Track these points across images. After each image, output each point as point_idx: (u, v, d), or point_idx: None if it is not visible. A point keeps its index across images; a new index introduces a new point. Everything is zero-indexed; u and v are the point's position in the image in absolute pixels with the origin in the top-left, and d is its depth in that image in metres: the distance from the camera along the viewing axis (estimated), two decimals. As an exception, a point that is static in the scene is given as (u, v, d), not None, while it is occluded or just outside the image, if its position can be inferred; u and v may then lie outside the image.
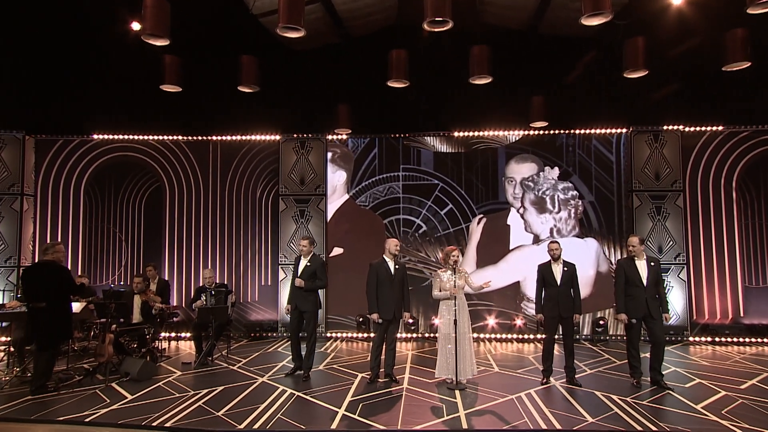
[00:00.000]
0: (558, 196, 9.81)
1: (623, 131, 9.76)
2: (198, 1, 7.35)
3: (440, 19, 6.03)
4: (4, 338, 8.65)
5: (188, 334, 9.22)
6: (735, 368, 7.33)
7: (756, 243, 9.46)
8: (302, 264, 6.82)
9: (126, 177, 10.21)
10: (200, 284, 9.08)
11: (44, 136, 10.03)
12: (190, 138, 10.28)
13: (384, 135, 10.15)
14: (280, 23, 6.02)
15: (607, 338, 9.35)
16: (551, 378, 6.54)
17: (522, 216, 9.87)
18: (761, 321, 9.19)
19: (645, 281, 6.22)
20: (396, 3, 8.36)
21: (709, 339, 9.20)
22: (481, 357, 8.09)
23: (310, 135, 10.11)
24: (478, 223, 9.94)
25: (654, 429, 4.82)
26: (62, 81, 9.07)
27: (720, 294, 9.40)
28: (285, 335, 9.50)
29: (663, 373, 6.29)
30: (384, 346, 6.59)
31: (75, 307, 7.07)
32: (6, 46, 8.37)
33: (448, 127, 10.03)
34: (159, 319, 7.95)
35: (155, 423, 5.03)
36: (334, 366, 7.50)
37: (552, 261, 6.58)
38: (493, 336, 9.62)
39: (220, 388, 6.22)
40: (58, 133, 10.06)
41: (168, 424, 5.00)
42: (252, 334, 9.75)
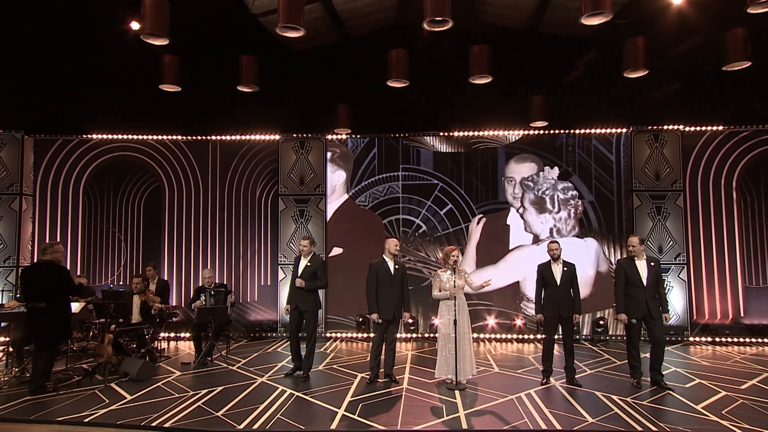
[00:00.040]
0: (558, 196, 9.80)
1: (623, 131, 9.75)
2: (197, 1, 7.34)
3: (440, 19, 6.01)
4: (3, 338, 8.61)
5: (187, 335, 9.20)
6: (735, 368, 7.32)
7: (756, 243, 9.45)
8: (302, 264, 6.81)
9: (125, 177, 10.20)
10: (199, 284, 9.07)
11: (43, 136, 10.02)
12: (190, 138, 10.27)
13: (383, 135, 10.13)
14: (280, 23, 6.01)
15: (607, 338, 9.34)
16: (551, 378, 6.53)
17: (522, 216, 9.86)
18: (761, 321, 9.18)
19: (645, 281, 6.21)
20: (396, 3, 8.35)
21: (710, 339, 9.19)
22: (481, 357, 8.08)
23: (310, 135, 10.10)
24: (478, 223, 9.93)
25: (654, 429, 4.81)
26: (61, 80, 9.05)
27: (720, 294, 9.39)
28: (284, 335, 9.50)
29: (663, 374, 6.29)
30: (384, 346, 6.58)
31: (74, 308, 7.07)
32: (5, 46, 8.36)
33: (448, 127, 10.01)
34: (158, 320, 7.95)
35: (154, 423, 5.02)
36: (334, 366, 7.49)
37: (552, 261, 6.58)
38: (493, 336, 9.61)
39: (220, 389, 6.21)
40: (57, 133, 10.05)
41: (167, 425, 5.00)
42: (251, 335, 9.75)
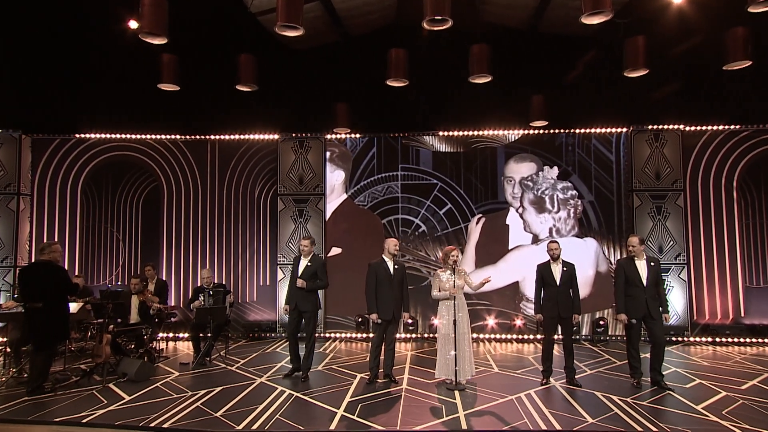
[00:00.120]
0: (557, 196, 9.78)
1: (623, 130, 9.74)
2: (196, 0, 7.31)
3: (440, 18, 6.00)
4: (1, 339, 8.56)
5: (186, 335, 9.18)
6: (735, 369, 7.31)
7: (757, 243, 9.44)
8: (302, 264, 6.78)
9: (123, 176, 10.17)
10: (198, 284, 9.06)
11: (41, 136, 9.99)
12: (188, 137, 10.24)
13: (383, 134, 10.11)
14: (279, 22, 5.99)
15: (607, 338, 9.32)
16: (551, 378, 6.52)
17: (521, 216, 9.84)
18: (762, 321, 9.17)
19: (645, 281, 6.20)
20: (395, 1, 8.33)
21: (710, 339, 9.18)
22: (481, 357, 8.07)
23: (309, 134, 10.08)
24: (477, 223, 9.91)
25: (654, 430, 4.80)
26: (59, 80, 9.02)
27: (720, 294, 9.38)
28: (283, 336, 9.47)
29: (663, 374, 6.28)
30: (383, 347, 6.56)
31: (72, 308, 7.04)
32: (3, 45, 8.32)
33: (448, 127, 9.99)
34: (157, 320, 7.93)
35: (153, 424, 5.00)
36: (333, 366, 7.47)
37: (551, 261, 6.56)
38: (493, 336, 9.59)
39: (219, 389, 6.19)
40: (55, 132, 10.02)
41: (166, 425, 4.98)
42: (250, 335, 9.72)
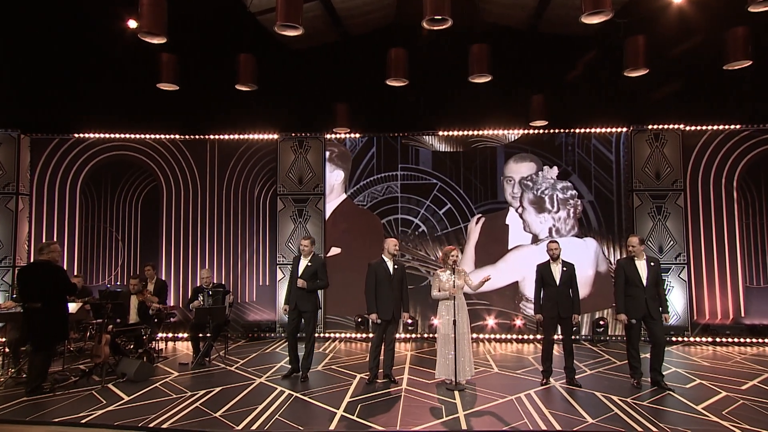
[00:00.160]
0: (557, 196, 9.77)
1: (623, 130, 9.72)
2: (195, -1, 7.31)
3: (439, 18, 5.98)
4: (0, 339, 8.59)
5: (185, 335, 9.17)
6: (736, 369, 7.30)
7: (757, 243, 9.43)
8: (303, 264, 6.77)
9: (122, 176, 10.15)
10: (197, 284, 9.04)
11: (40, 135, 9.97)
12: (188, 137, 10.23)
13: (382, 134, 10.10)
14: (278, 21, 5.98)
15: (607, 339, 9.31)
16: (551, 378, 6.51)
17: (521, 215, 9.83)
18: (762, 321, 9.16)
19: (645, 281, 6.19)
20: (395, 1, 8.33)
21: (710, 339, 9.17)
22: (481, 357, 8.06)
23: (309, 134, 10.06)
24: (477, 223, 9.90)
25: (654, 430, 4.80)
26: (58, 79, 8.99)
27: (721, 294, 9.37)
28: (283, 336, 9.46)
29: (663, 374, 6.27)
30: (383, 347, 6.55)
31: (71, 308, 7.03)
32: (2, 44, 8.30)
33: (447, 126, 9.97)
34: (156, 320, 7.91)
35: (152, 424, 4.99)
36: (333, 366, 7.46)
37: (551, 261, 6.55)
38: (493, 336, 9.58)
39: (218, 389, 6.18)
40: (54, 132, 10.00)
41: (165, 426, 4.97)
42: (250, 335, 9.71)
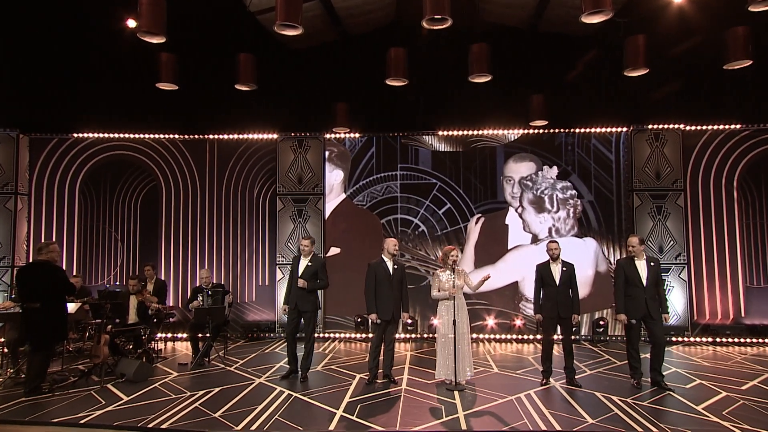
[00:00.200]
0: (557, 196, 9.76)
1: (623, 130, 9.71)
2: (194, -2, 7.30)
3: (439, 17, 5.98)
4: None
5: (185, 335, 9.16)
6: (736, 369, 7.29)
7: (757, 243, 9.42)
8: (303, 264, 6.75)
9: (122, 176, 10.13)
10: (197, 284, 9.03)
11: (39, 135, 9.95)
12: (187, 137, 10.21)
13: (382, 134, 10.09)
14: (278, 21, 5.97)
15: (607, 339, 9.30)
16: (551, 379, 6.50)
17: (520, 215, 9.82)
18: (762, 321, 9.15)
19: (645, 281, 6.18)
20: (394, 0, 8.31)
21: (710, 339, 9.16)
22: (481, 357, 8.05)
23: (308, 134, 10.05)
24: (476, 223, 9.89)
25: (654, 430, 4.79)
26: (57, 79, 8.98)
27: (721, 294, 9.36)
28: (282, 336, 9.44)
29: (663, 374, 6.26)
30: (382, 347, 6.54)
31: (70, 308, 7.02)
32: (1, 44, 8.28)
33: (447, 126, 9.96)
34: (155, 320, 7.90)
35: (151, 425, 4.98)
36: (332, 367, 7.45)
37: (551, 261, 6.54)
38: (493, 336, 9.57)
39: (217, 390, 6.16)
40: (53, 132, 9.98)
41: (164, 426, 4.95)
42: (249, 335, 9.69)
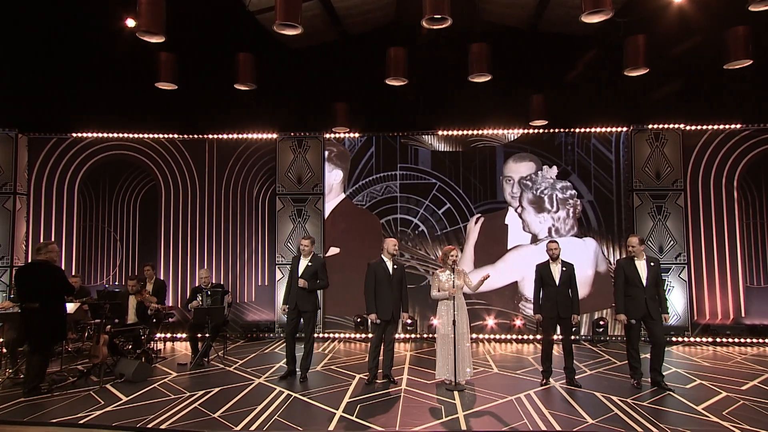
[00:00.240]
0: (556, 196, 9.75)
1: (623, 130, 9.71)
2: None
3: (439, 17, 5.97)
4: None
5: (184, 335, 9.15)
6: (736, 369, 7.29)
7: (757, 242, 9.41)
8: (303, 264, 6.75)
9: (121, 176, 10.12)
10: (196, 284, 9.02)
11: (37, 134, 9.93)
12: (186, 136, 10.19)
13: (381, 133, 10.07)
14: (277, 20, 5.97)
15: (607, 339, 9.29)
16: (551, 379, 6.49)
17: (520, 215, 9.81)
18: (763, 321, 9.15)
19: (645, 282, 6.17)
20: (394, 0, 8.29)
21: (710, 339, 9.16)
22: (480, 358, 8.04)
23: (308, 133, 10.04)
24: (476, 223, 9.88)
25: (654, 430, 4.78)
26: (56, 78, 8.96)
27: (721, 294, 9.35)
28: (282, 336, 9.43)
29: (663, 374, 6.25)
30: (382, 347, 6.53)
31: (69, 308, 7.00)
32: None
33: (447, 126, 9.95)
34: (154, 320, 7.88)
35: (150, 425, 4.97)
36: (332, 367, 7.44)
37: (550, 261, 6.53)
38: (492, 336, 9.56)
39: (216, 390, 6.15)
40: (52, 131, 9.96)
41: (163, 426, 4.95)
42: (248, 335, 9.68)
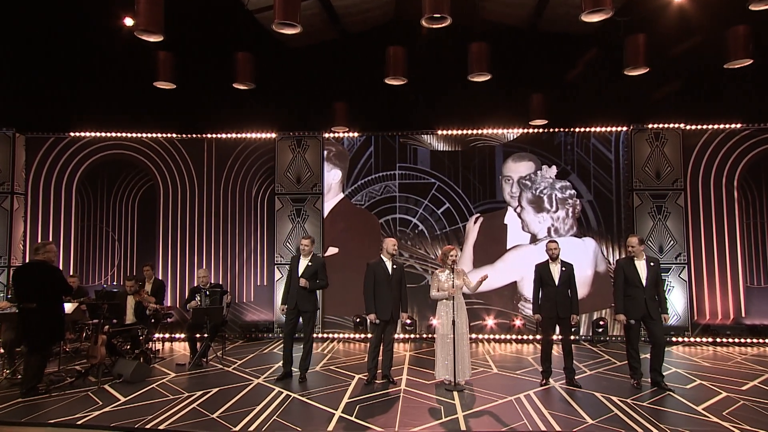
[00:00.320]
0: (556, 195, 9.74)
1: (623, 129, 9.69)
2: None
3: (438, 16, 5.96)
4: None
5: (182, 335, 9.12)
6: (736, 369, 7.28)
7: (758, 242, 9.41)
8: (303, 264, 6.72)
9: (119, 175, 10.09)
10: (194, 284, 9.00)
11: (35, 134, 9.90)
12: (185, 136, 10.17)
13: (380, 133, 10.05)
14: (276, 19, 5.96)
15: (607, 339, 9.28)
16: (550, 379, 6.48)
17: (519, 215, 9.80)
18: (763, 321, 9.14)
19: (644, 282, 6.16)
20: (394, -1, 8.30)
21: (710, 339, 9.15)
22: (480, 358, 8.02)
23: (307, 133, 10.02)
24: (475, 222, 9.86)
25: (654, 431, 4.77)
26: (54, 78, 8.94)
27: (721, 294, 9.34)
28: (281, 336, 9.40)
29: (663, 374, 6.24)
30: (381, 347, 6.51)
31: (67, 308, 6.98)
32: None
33: (446, 125, 9.93)
34: (153, 320, 7.87)
35: (149, 425, 4.95)
36: (331, 367, 7.42)
37: (550, 261, 6.52)
38: (492, 336, 9.54)
39: (215, 390, 6.13)
40: (50, 131, 9.93)
41: (162, 427, 4.93)
42: (247, 335, 9.66)
